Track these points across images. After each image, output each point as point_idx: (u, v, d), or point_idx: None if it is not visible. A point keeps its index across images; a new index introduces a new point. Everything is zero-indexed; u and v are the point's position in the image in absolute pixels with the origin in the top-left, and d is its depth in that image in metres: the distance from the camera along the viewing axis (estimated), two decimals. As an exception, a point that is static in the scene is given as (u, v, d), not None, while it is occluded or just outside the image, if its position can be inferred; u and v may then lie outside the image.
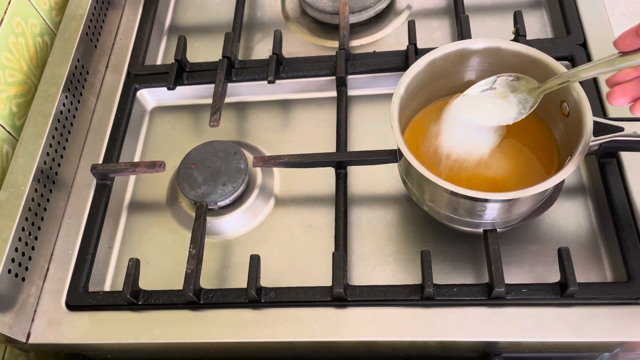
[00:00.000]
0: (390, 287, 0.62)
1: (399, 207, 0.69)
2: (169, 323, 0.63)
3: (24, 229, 0.66)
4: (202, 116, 0.82)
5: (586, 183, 0.68)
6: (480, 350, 0.62)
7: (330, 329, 0.61)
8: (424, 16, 0.85)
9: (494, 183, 0.61)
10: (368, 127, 0.76)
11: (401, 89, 0.60)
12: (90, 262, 0.69)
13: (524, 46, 0.60)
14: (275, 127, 0.79)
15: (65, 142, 0.76)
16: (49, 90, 0.75)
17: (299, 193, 0.73)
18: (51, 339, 0.64)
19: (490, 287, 0.59)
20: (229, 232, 0.71)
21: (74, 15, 0.83)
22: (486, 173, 0.61)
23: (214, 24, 0.90)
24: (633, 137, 0.56)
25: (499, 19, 0.82)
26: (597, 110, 0.68)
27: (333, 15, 0.84)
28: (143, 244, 0.72)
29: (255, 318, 0.62)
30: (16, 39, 0.76)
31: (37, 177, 0.69)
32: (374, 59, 0.78)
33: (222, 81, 0.77)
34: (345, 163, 0.69)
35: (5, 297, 0.63)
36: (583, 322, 0.58)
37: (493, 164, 0.62)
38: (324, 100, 0.80)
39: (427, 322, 0.60)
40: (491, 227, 0.61)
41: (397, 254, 0.66)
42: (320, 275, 0.65)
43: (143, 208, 0.75)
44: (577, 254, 0.61)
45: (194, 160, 0.72)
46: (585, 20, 0.76)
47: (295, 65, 0.79)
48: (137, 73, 0.83)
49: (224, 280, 0.68)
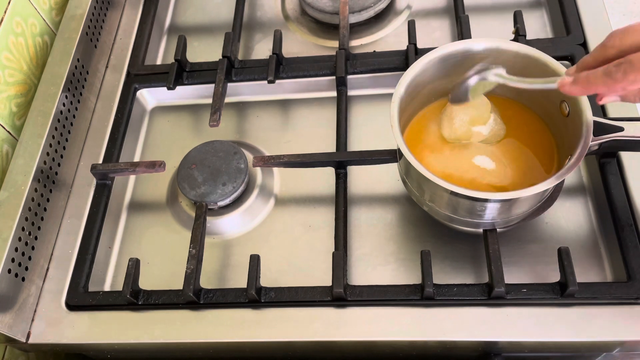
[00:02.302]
0: (390, 287, 0.62)
1: (399, 207, 0.69)
2: (169, 323, 0.63)
3: (24, 228, 0.66)
4: (202, 116, 0.82)
5: (586, 183, 0.68)
6: (480, 350, 0.62)
7: (330, 329, 0.61)
8: (424, 16, 0.85)
9: (494, 183, 0.61)
10: (368, 127, 0.76)
11: (401, 89, 0.60)
12: (90, 262, 0.69)
13: (524, 46, 0.60)
14: (275, 127, 0.79)
15: (65, 142, 0.76)
16: (49, 90, 0.75)
17: (299, 193, 0.73)
18: (51, 339, 0.64)
19: (490, 287, 0.59)
20: (229, 232, 0.71)
21: (74, 15, 0.83)
22: (486, 173, 0.61)
23: (214, 24, 0.90)
24: (633, 137, 0.56)
25: (499, 19, 0.82)
26: (597, 110, 0.68)
27: (333, 15, 0.84)
28: (143, 244, 0.72)
29: (255, 318, 0.62)
30: (16, 39, 0.76)
31: (37, 177, 0.69)
32: (374, 59, 0.78)
33: (222, 81, 0.77)
34: (345, 163, 0.69)
35: (5, 297, 0.63)
36: (583, 322, 0.58)
37: (493, 164, 0.62)
38: (324, 100, 0.80)
39: (427, 322, 0.60)
40: (491, 227, 0.61)
41: (397, 253, 0.66)
42: (320, 275, 0.65)
43: (143, 208, 0.75)
44: (577, 254, 0.61)
45: (194, 160, 0.72)
46: (585, 20, 0.76)
47: (295, 65, 0.79)
48: (137, 73, 0.83)
49: (224, 280, 0.68)
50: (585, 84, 0.50)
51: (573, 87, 0.51)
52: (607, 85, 0.48)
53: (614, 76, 0.47)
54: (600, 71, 0.48)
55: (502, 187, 0.60)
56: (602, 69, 0.48)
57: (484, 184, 0.61)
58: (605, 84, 0.48)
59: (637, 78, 0.46)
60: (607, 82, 0.47)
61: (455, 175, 0.61)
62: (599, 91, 0.49)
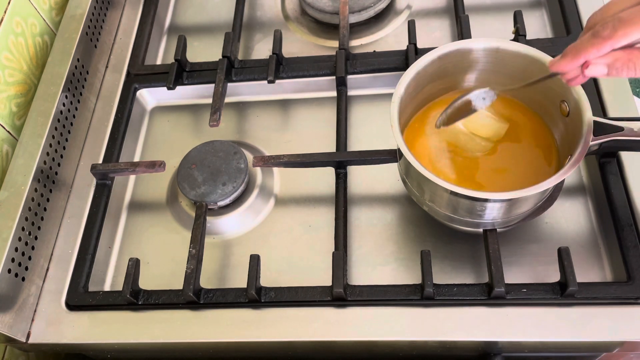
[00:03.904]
0: (390, 287, 0.62)
1: (399, 207, 0.69)
2: (169, 323, 0.63)
3: (24, 228, 0.66)
4: (202, 116, 0.82)
5: (586, 183, 0.68)
6: (480, 350, 0.62)
7: (330, 328, 0.61)
8: (424, 16, 0.85)
9: (493, 183, 0.61)
10: (368, 127, 0.76)
11: (401, 89, 0.60)
12: (90, 262, 0.69)
13: (524, 46, 0.60)
14: (275, 126, 0.79)
15: (65, 142, 0.76)
16: (49, 90, 0.75)
17: (299, 193, 0.73)
18: (51, 339, 0.64)
19: (490, 287, 0.59)
20: (229, 232, 0.71)
21: (74, 15, 0.83)
22: (486, 173, 0.61)
23: (214, 24, 0.90)
24: (633, 137, 0.56)
25: (499, 19, 0.82)
26: (597, 110, 0.68)
27: (333, 15, 0.84)
28: (143, 243, 0.72)
29: (255, 318, 0.62)
30: (16, 39, 0.76)
31: (37, 177, 0.69)
32: (374, 58, 0.78)
33: (222, 81, 0.77)
34: (345, 163, 0.69)
35: (5, 297, 0.63)
36: (583, 322, 0.58)
37: (493, 164, 0.62)
38: (324, 100, 0.80)
39: (427, 322, 0.60)
40: (491, 227, 0.61)
41: (397, 253, 0.66)
42: (320, 275, 0.65)
43: (143, 208, 0.75)
44: (577, 254, 0.61)
45: (193, 160, 0.72)
46: (586, 20, 0.76)
47: (295, 65, 0.79)
48: (137, 73, 0.83)
49: (224, 280, 0.68)
50: (573, 52, 0.48)
51: (562, 60, 0.50)
52: (595, 45, 0.46)
53: (602, 34, 0.46)
54: (588, 34, 0.47)
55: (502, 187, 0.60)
56: (589, 33, 0.47)
57: (484, 184, 0.61)
58: (593, 45, 0.46)
59: (626, 32, 0.45)
60: (595, 43, 0.46)
61: (455, 174, 0.61)
62: (589, 56, 0.48)
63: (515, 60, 0.61)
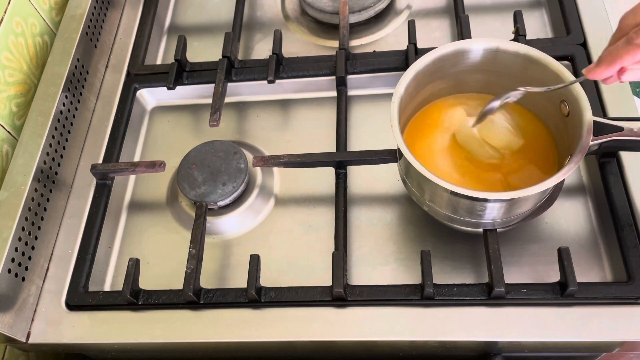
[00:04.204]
0: (390, 287, 0.62)
1: (399, 207, 0.69)
2: (169, 323, 0.63)
3: (24, 228, 0.66)
4: (202, 116, 0.82)
5: (586, 183, 0.68)
6: (480, 350, 0.62)
7: (330, 328, 0.61)
8: (423, 16, 0.85)
9: (493, 183, 0.61)
10: (368, 127, 0.76)
11: (401, 89, 0.60)
12: (90, 262, 0.69)
13: (524, 46, 0.60)
14: (275, 126, 0.79)
15: (65, 142, 0.76)
16: (49, 90, 0.75)
17: (299, 193, 0.73)
18: (51, 339, 0.64)
19: (490, 287, 0.59)
20: (229, 232, 0.71)
21: (74, 15, 0.83)
22: (486, 173, 0.61)
23: (214, 24, 0.90)
24: (633, 137, 0.56)
25: (499, 19, 0.82)
26: (597, 110, 0.68)
27: (333, 15, 0.84)
28: (143, 243, 0.72)
29: (255, 318, 0.62)
30: (16, 39, 0.76)
31: (37, 177, 0.69)
32: (374, 58, 0.78)
33: (222, 81, 0.77)
34: (345, 163, 0.69)
35: (5, 297, 0.63)
36: (583, 322, 0.58)
37: (493, 164, 0.62)
38: (324, 100, 0.80)
39: (427, 322, 0.60)
40: (491, 227, 0.61)
41: (397, 253, 0.66)
42: (320, 275, 0.65)
43: (143, 208, 0.75)
44: (577, 254, 0.61)
45: (193, 160, 0.72)
46: (585, 20, 0.76)
47: (295, 65, 0.79)
48: (137, 73, 0.83)
49: (224, 280, 0.68)
50: (609, 59, 0.49)
51: (598, 68, 0.50)
52: (631, 52, 0.47)
53: (636, 41, 0.46)
54: (622, 41, 0.47)
55: (502, 187, 0.60)
56: (623, 39, 0.47)
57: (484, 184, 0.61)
58: (628, 52, 0.47)
59: None
60: (630, 50, 0.47)
61: (455, 174, 0.61)
62: (624, 62, 0.48)
63: (515, 60, 0.61)
